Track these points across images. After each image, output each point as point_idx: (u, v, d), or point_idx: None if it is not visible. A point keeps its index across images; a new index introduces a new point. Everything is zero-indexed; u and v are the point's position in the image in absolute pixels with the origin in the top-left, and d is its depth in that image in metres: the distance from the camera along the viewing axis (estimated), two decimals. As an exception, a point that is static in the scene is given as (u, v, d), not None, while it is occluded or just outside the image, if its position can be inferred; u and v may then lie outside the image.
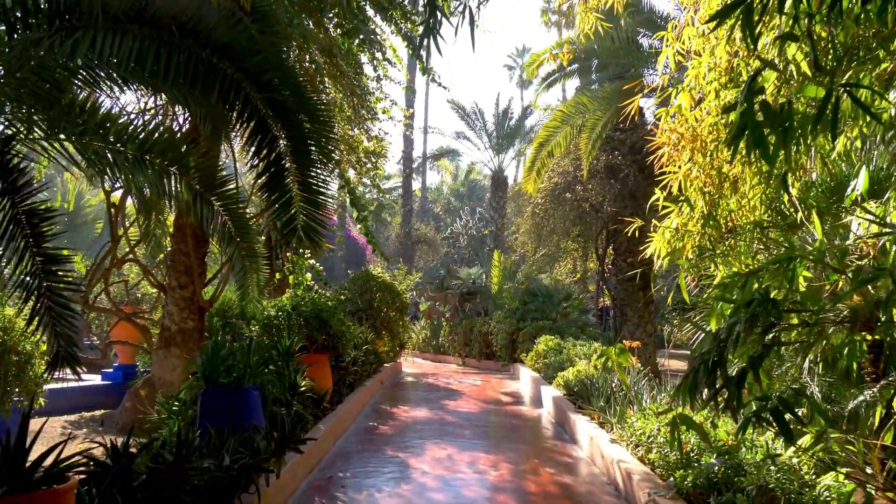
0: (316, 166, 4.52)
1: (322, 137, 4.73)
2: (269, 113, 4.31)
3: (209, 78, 4.33)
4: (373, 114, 10.03)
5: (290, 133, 4.42)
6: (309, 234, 4.54)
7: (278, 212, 4.52)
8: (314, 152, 4.51)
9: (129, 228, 9.61)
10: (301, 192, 4.49)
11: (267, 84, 4.40)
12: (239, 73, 4.32)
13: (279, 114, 4.35)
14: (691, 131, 5.68)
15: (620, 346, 5.17)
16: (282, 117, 4.35)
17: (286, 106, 4.41)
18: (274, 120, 4.34)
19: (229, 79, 4.28)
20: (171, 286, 8.23)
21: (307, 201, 4.51)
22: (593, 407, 6.84)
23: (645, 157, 13.17)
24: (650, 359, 13.66)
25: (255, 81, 4.31)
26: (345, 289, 12.77)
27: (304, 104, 4.51)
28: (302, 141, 4.45)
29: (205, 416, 4.81)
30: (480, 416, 8.52)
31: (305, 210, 4.54)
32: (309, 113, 4.61)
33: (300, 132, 4.45)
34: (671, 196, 5.39)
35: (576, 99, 12.77)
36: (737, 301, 3.36)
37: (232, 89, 4.37)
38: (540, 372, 10.81)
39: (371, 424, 7.60)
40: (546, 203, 13.84)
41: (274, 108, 4.33)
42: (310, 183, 4.50)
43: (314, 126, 4.65)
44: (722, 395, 3.14)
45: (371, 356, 10.28)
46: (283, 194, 4.47)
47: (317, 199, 4.53)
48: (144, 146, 5.12)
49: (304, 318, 7.22)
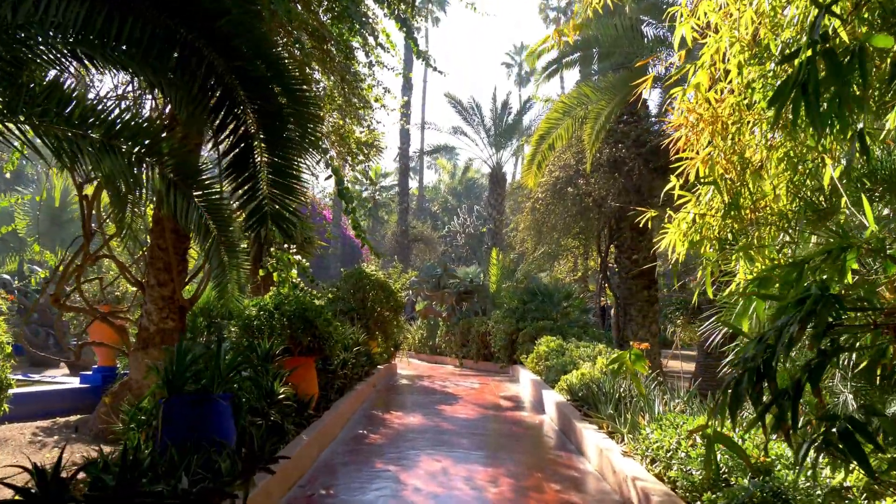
0: (290, 147, 3.97)
1: (300, 115, 4.18)
2: (236, 83, 3.76)
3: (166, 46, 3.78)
4: (365, 102, 9.47)
5: (261, 108, 3.87)
6: (279, 222, 4.00)
7: (244, 197, 3.97)
8: (289, 131, 3.95)
9: (105, 222, 9.05)
10: (272, 175, 3.94)
11: (234, 51, 3.85)
12: (201, 38, 3.77)
13: (248, 85, 3.80)
14: (711, 112, 5.15)
15: (636, 352, 4.64)
16: (251, 89, 3.80)
17: (257, 77, 3.86)
18: (241, 92, 3.79)
19: (189, 45, 3.73)
20: (149, 284, 7.68)
21: (278, 186, 3.97)
22: (601, 415, 6.30)
23: (650, 150, 12.67)
24: (655, 360, 13.14)
25: (219, 47, 3.76)
26: (336, 287, 12.22)
27: (280, 76, 3.96)
28: (275, 117, 3.90)
29: (167, 428, 4.26)
30: (478, 422, 7.98)
31: (276, 196, 4.00)
32: (285, 87, 4.06)
33: (273, 107, 3.90)
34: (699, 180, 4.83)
35: (578, 89, 12.23)
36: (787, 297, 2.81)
37: (193, 56, 3.82)
38: (541, 375, 10.27)
39: (361, 432, 7.05)
40: (547, 198, 13.30)
41: (242, 79, 3.78)
42: (282, 165, 3.95)
43: (291, 102, 4.10)
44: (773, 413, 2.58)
45: (363, 358, 9.73)
46: (250, 177, 3.92)
47: (290, 184, 3.99)
48: (112, 130, 4.62)
49: (287, 318, 6.66)
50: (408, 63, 29.27)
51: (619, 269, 14.06)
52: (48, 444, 7.08)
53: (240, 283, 6.98)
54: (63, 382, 10.68)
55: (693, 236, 5.47)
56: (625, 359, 4.62)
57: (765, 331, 2.82)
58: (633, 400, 6.41)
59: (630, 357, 4.60)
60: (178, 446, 4.07)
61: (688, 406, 6.22)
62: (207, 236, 5.73)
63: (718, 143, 5.15)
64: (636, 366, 4.60)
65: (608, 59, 13.25)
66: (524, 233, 15.28)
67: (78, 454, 6.08)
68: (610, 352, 9.49)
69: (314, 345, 6.82)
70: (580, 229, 15.01)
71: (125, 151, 4.80)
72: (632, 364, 4.58)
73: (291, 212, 4.10)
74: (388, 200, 38.95)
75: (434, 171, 62.24)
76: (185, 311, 7.90)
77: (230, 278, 6.55)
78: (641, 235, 13.38)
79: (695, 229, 5.41)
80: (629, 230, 13.18)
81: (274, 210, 4.00)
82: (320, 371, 7.52)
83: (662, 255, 17.47)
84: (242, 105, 3.83)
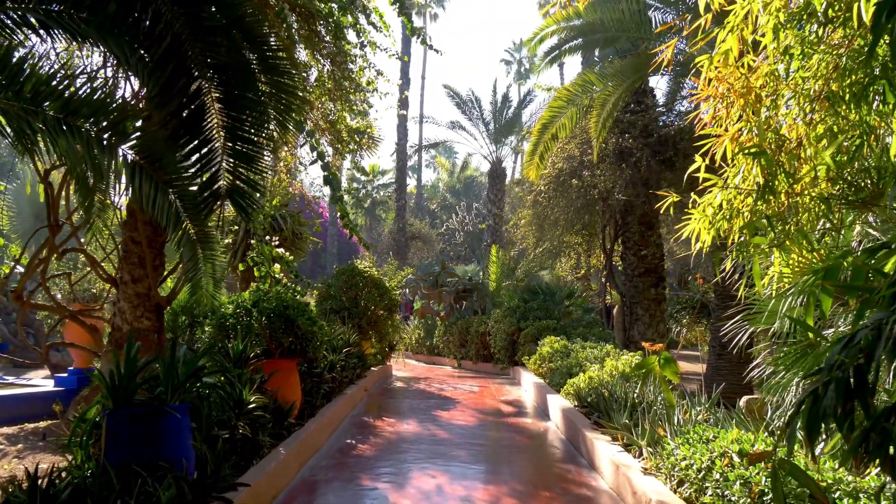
0: (252, 109, 3.32)
1: (272, 75, 3.54)
2: (186, 31, 3.11)
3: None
4: (356, 86, 8.83)
5: (217, 62, 3.22)
6: (237, 197, 3.35)
7: (195, 167, 3.32)
8: (253, 91, 3.30)
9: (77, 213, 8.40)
10: (230, 142, 3.29)
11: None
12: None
13: (201, 34, 3.15)
14: (742, 82, 4.52)
15: (665, 355, 4.00)
16: (204, 39, 3.15)
17: (213, 27, 3.22)
18: (192, 43, 3.15)
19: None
20: (122, 280, 7.02)
21: (237, 155, 3.33)
22: (614, 424, 5.66)
23: (658, 141, 12.03)
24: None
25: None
26: (328, 285, 11.57)
27: (241, 25, 3.32)
28: (234, 72, 3.25)
29: (112, 445, 3.61)
30: (478, 430, 7.33)
31: (233, 166, 3.35)
32: (250, 39, 3.41)
33: (233, 60, 3.25)
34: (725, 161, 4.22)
35: (582, 76, 11.57)
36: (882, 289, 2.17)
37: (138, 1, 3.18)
38: (544, 377, 9.62)
39: (348, 443, 6.40)
40: (549, 191, 12.65)
41: (193, 27, 3.14)
42: (241, 130, 3.31)
43: (259, 59, 3.46)
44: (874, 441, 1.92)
45: (354, 360, 9.08)
46: (202, 144, 3.27)
47: (250, 153, 3.35)
48: (69, 106, 4.02)
49: (266, 316, 6.02)
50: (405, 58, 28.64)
51: (625, 267, 13.42)
52: (9, 454, 6.43)
53: (215, 277, 6.34)
54: (38, 385, 10.02)
55: (720, 223, 4.85)
56: (652, 363, 3.99)
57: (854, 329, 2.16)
58: (649, 407, 5.77)
59: (658, 361, 3.96)
60: (121, 468, 3.42)
61: (710, 414, 5.58)
62: (178, 225, 5.16)
63: (751, 117, 4.53)
64: (666, 371, 3.96)
65: (613, 44, 12.60)
66: (525, 228, 14.63)
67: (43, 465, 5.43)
68: (619, 353, 8.84)
69: (296, 346, 6.17)
70: (583, 225, 14.37)
71: (84, 131, 4.23)
72: (660, 369, 3.95)
73: (252, 185, 3.45)
74: (385, 198, 38.30)
75: (433, 169, 61.63)
76: (161, 309, 7.24)
77: (204, 272, 5.96)
78: (650, 230, 12.74)
79: (723, 215, 4.79)
80: (637, 224, 12.54)
81: (231, 183, 3.36)
82: (304, 375, 6.88)
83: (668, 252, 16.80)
84: (194, 57, 3.18)
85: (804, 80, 4.22)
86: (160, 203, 4.96)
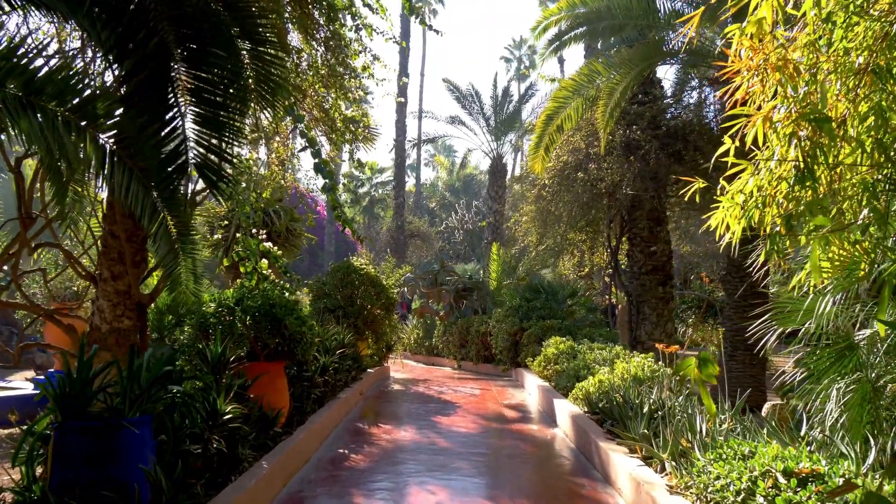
0: (222, 68, 2.81)
1: (245, 26, 3.05)
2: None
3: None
4: (351, 72, 8.31)
5: (180, 12, 2.72)
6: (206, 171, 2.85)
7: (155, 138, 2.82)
8: (221, 45, 2.80)
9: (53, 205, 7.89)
10: (195, 106, 2.79)
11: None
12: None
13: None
14: (778, 54, 4.00)
15: (704, 355, 3.51)
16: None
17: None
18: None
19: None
20: (102, 277, 6.49)
21: (205, 121, 2.82)
22: (632, 434, 5.16)
23: (667, 133, 11.53)
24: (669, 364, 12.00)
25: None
26: (322, 282, 11.07)
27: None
28: (201, 24, 2.75)
29: (58, 464, 3.11)
30: (480, 438, 6.84)
31: (200, 134, 2.85)
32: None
33: (199, 11, 2.76)
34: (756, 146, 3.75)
35: (588, 65, 11.07)
36: None
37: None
38: (550, 380, 9.13)
39: (340, 453, 5.90)
40: (554, 185, 12.14)
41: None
42: (209, 92, 2.80)
43: (231, 12, 2.96)
44: None
45: (348, 362, 8.58)
46: (163, 110, 2.77)
47: (220, 119, 2.84)
48: (33, 84, 3.58)
49: (250, 315, 5.52)
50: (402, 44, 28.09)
51: (632, 264, 12.91)
52: (-25, 464, 5.90)
53: (195, 273, 5.86)
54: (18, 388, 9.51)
55: (752, 212, 4.34)
56: (689, 366, 3.49)
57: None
58: (669, 415, 5.27)
59: (696, 364, 3.47)
60: (68, 491, 2.92)
61: (736, 422, 5.08)
62: (155, 216, 4.69)
63: (788, 93, 4.02)
64: (704, 374, 3.47)
65: (620, 32, 12.10)
66: (528, 224, 14.12)
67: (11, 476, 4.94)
68: (629, 355, 8.34)
69: (284, 348, 5.67)
70: (587, 222, 13.87)
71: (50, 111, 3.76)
72: (697, 373, 3.46)
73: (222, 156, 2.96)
74: (384, 196, 37.79)
75: (432, 167, 61.12)
76: (143, 308, 6.71)
77: (183, 267, 5.50)
78: (659, 225, 12.23)
79: (754, 203, 4.29)
80: (645, 220, 12.03)
81: (199, 155, 2.86)
82: (294, 379, 6.39)
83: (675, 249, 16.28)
84: (154, 7, 2.68)
85: (847, 51, 3.73)
86: (134, 191, 4.49)
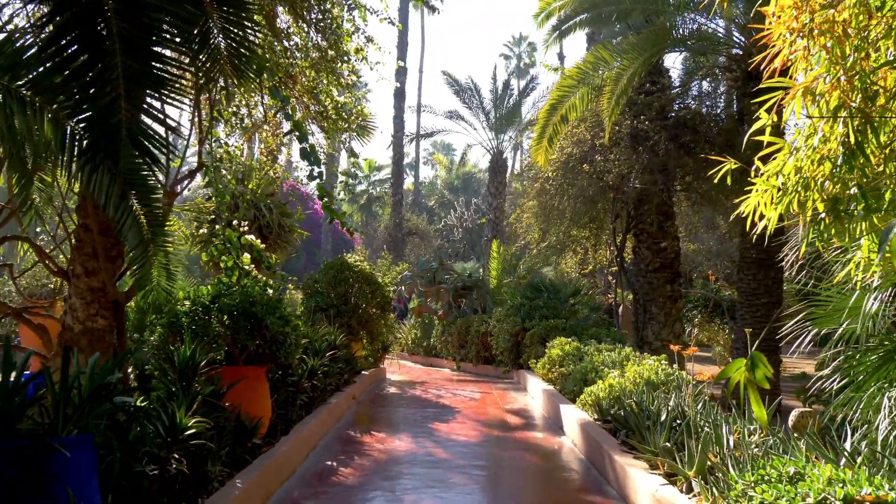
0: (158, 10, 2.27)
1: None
2: None
3: None
4: (343, 54, 7.78)
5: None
6: (142, 139, 2.32)
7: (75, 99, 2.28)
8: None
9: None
10: (126, 57, 2.25)
11: None
12: None
13: None
14: (824, 15, 3.49)
15: (756, 354, 2.98)
16: None
17: None
18: None
19: None
20: (74, 273, 5.96)
21: (134, 76, 2.27)
22: (651, 447, 4.63)
23: (676, 123, 11.02)
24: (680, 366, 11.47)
25: None
26: (314, 280, 10.53)
27: None
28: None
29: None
30: (481, 448, 6.31)
31: (133, 91, 2.30)
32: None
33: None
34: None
35: (595, 52, 10.53)
36: None
37: None
38: (555, 384, 8.60)
39: (328, 465, 5.37)
40: (558, 178, 11.59)
41: None
42: (141, 38, 2.25)
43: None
44: None
45: (340, 364, 8.05)
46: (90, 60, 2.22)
47: (158, 73, 2.29)
48: None
49: (227, 314, 4.98)
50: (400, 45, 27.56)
51: (638, 261, 12.38)
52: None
53: (168, 267, 5.34)
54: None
55: (791, 196, 3.82)
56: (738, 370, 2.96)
57: None
58: (690, 424, 4.75)
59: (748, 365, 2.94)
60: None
61: (770, 434, 4.55)
62: (121, 204, 4.18)
63: (836, 57, 3.52)
64: (758, 376, 2.94)
65: (626, 18, 11.56)
66: (530, 219, 13.58)
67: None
68: (639, 357, 7.82)
69: (265, 350, 5.14)
70: (590, 218, 13.33)
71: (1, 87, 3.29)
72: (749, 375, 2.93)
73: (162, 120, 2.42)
74: (382, 194, 37.25)
75: (430, 166, 60.56)
76: (120, 306, 6.18)
77: (154, 261, 4.98)
78: (668, 220, 11.71)
79: (796, 185, 3.78)
80: (654, 214, 11.49)
81: (129, 119, 2.32)
82: (278, 383, 5.85)
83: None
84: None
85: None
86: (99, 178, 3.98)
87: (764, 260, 9.87)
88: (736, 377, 2.91)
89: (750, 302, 10.02)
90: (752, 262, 9.86)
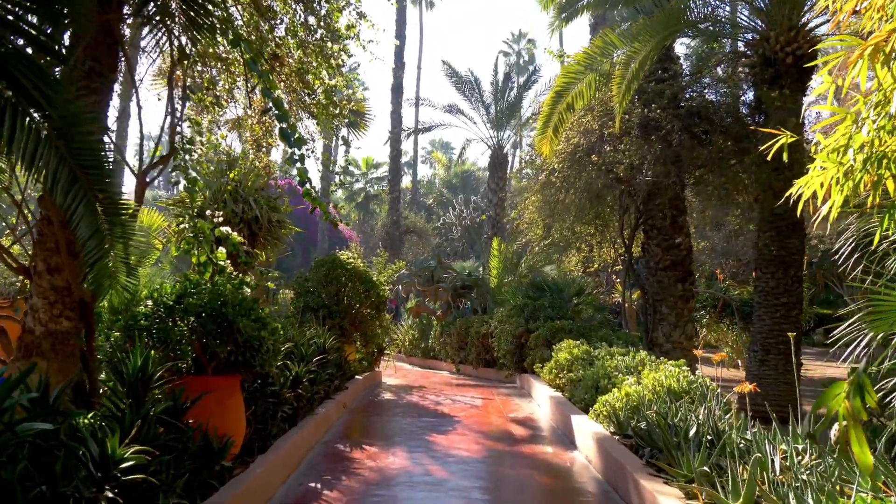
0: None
1: None
2: None
3: None
4: (333, 31, 7.12)
5: None
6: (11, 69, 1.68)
7: None
8: None
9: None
10: None
11: None
12: None
13: None
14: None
15: (862, 379, 2.33)
16: None
17: None
18: None
19: None
20: (36, 270, 5.30)
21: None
22: (684, 470, 3.98)
23: (689, 112, 10.38)
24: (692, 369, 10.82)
25: None
26: (304, 278, 9.87)
27: None
28: None
29: None
30: (484, 466, 5.65)
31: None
32: None
33: None
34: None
35: (603, 37, 9.87)
36: None
37: None
38: (563, 390, 7.95)
39: (311, 488, 4.71)
40: (564, 169, 10.94)
41: None
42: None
43: None
44: None
45: (330, 370, 7.39)
46: None
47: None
48: None
49: (194, 315, 4.33)
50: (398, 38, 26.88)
51: (648, 259, 11.73)
52: None
53: (128, 263, 4.69)
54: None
55: (861, 174, 3.21)
56: (837, 396, 2.31)
57: None
58: (728, 443, 4.10)
59: (850, 391, 2.29)
60: None
61: (820, 455, 3.91)
62: (71, 187, 3.61)
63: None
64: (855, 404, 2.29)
65: (634, 2, 10.94)
66: (533, 213, 12.92)
67: None
68: (656, 361, 7.17)
69: (237, 357, 4.48)
70: (595, 213, 12.69)
71: None
72: (848, 404, 2.27)
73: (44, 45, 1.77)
74: (379, 192, 36.61)
75: (429, 165, 59.95)
76: (88, 306, 5.52)
77: (112, 255, 4.39)
78: (681, 214, 11.06)
79: (867, 161, 3.17)
80: (668, 208, 10.84)
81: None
82: (256, 394, 5.18)
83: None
84: None
85: None
86: (41, 153, 3.38)
87: (784, 257, 9.23)
88: (834, 406, 2.25)
89: (768, 302, 9.37)
90: (772, 259, 9.23)
